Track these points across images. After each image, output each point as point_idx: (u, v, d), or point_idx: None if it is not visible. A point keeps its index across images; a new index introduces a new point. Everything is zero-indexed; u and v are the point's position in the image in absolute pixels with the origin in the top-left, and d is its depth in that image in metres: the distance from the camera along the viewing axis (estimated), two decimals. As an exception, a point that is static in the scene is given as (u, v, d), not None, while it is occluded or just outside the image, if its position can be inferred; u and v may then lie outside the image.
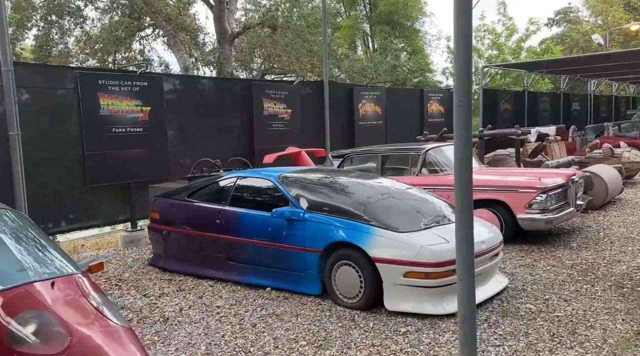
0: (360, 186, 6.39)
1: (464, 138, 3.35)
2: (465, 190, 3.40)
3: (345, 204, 5.78)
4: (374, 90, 14.62)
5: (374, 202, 5.88)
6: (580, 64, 20.44)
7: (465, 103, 3.32)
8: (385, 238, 5.17)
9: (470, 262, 3.44)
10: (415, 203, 6.04)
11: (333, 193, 6.10)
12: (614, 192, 10.71)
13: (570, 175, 8.06)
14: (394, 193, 6.30)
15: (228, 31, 15.15)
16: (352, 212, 5.57)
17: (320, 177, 6.60)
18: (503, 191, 7.80)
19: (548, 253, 7.31)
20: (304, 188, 6.13)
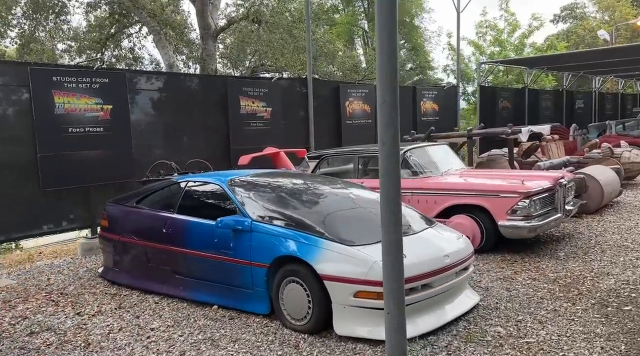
0: (318, 193, 5.82)
1: (389, 141, 2.79)
2: (393, 205, 2.81)
3: (297, 213, 5.20)
4: (362, 88, 14.01)
5: (330, 211, 5.31)
6: (582, 59, 19.68)
7: (390, 100, 2.76)
8: (334, 253, 4.58)
9: (399, 290, 2.84)
10: (378, 212, 5.44)
11: (287, 200, 5.51)
12: (610, 194, 10.06)
13: (558, 178, 7.43)
14: (356, 201, 5.72)
15: (212, 26, 14.59)
16: (302, 222, 4.99)
17: (277, 182, 6.02)
18: (483, 196, 7.19)
19: (531, 264, 6.70)
20: (256, 195, 5.55)
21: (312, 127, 12.33)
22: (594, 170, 10.13)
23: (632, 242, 7.57)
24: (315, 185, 6.07)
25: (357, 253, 4.52)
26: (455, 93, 17.51)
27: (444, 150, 9.00)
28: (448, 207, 7.49)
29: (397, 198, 2.88)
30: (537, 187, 7.04)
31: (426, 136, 11.16)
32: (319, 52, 18.41)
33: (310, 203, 5.54)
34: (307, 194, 5.73)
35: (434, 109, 16.51)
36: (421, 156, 8.43)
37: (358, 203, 5.65)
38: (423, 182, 7.80)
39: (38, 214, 7.95)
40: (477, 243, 7.25)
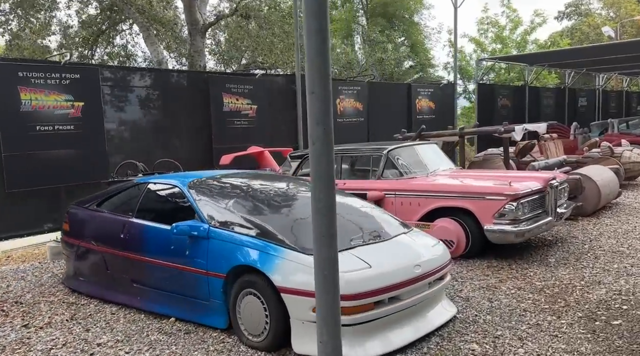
0: (286, 197, 5.41)
1: (320, 139, 2.38)
2: (326, 213, 2.41)
3: (259, 219, 4.79)
4: (354, 85, 13.59)
5: (295, 217, 4.90)
6: (585, 56, 19.16)
7: (319, 91, 2.35)
8: (294, 263, 4.18)
9: (334, 317, 2.43)
10: (349, 217, 5.05)
11: (250, 204, 5.11)
12: (608, 196, 9.62)
13: (549, 179, 7.01)
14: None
15: (200, 22, 14.19)
16: (263, 229, 4.59)
17: (244, 184, 5.62)
18: (468, 198, 6.77)
19: (518, 271, 6.28)
20: (217, 198, 5.15)
21: (301, 126, 11.93)
22: (591, 170, 9.69)
23: (629, 247, 7.13)
24: (285, 188, 5.66)
25: (316, 264, 4.11)
26: (452, 91, 17.04)
27: (432, 149, 8.59)
28: (432, 209, 7.08)
29: (332, 206, 2.48)
30: (526, 189, 6.61)
31: (417, 135, 10.75)
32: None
33: (275, 207, 5.13)
34: (274, 198, 5.32)
35: (430, 107, 16.07)
36: (406, 156, 8.03)
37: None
38: (407, 183, 7.40)
39: (2, 217, 7.58)
40: (462, 249, 6.85)
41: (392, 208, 7.42)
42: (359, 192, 7.60)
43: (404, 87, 15.58)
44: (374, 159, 7.87)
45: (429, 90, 16.10)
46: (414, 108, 15.45)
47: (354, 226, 4.85)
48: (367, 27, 24.54)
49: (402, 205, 7.35)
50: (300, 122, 11.93)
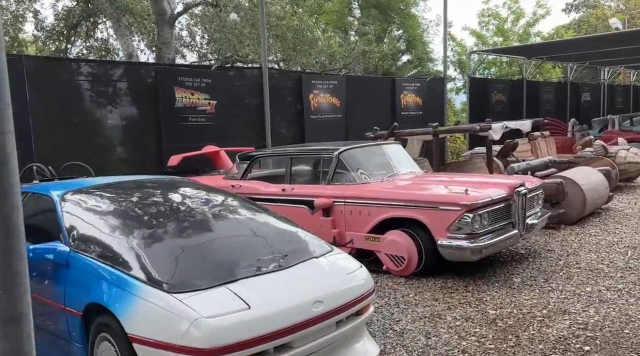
0: (181, 214, 4.42)
1: None
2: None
3: (132, 242, 3.85)
4: (330, 79, 12.66)
5: (180, 242, 3.97)
6: (586, 47, 17.93)
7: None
8: (150, 303, 3.28)
9: None
10: (250, 237, 4.15)
11: (131, 223, 4.15)
12: (596, 201, 8.65)
13: (515, 185, 6.05)
14: (229, 223, 4.39)
15: (167, 11, 13.32)
16: (129, 256, 3.67)
17: (136, 196, 4.69)
18: (421, 208, 5.86)
19: (474, 295, 5.36)
20: (92, 214, 4.25)
21: (269, 123, 11.04)
22: (576, 173, 8.73)
23: (609, 265, 6.18)
24: (187, 204, 4.68)
25: (175, 305, 3.20)
26: (442, 86, 16.06)
27: (395, 150, 7.67)
28: (383, 220, 6.16)
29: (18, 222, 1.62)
30: (485, 198, 5.68)
31: (389, 133, 9.82)
32: (298, 41, 17.07)
33: (160, 229, 4.14)
34: (166, 216, 4.34)
35: (417, 103, 15.10)
36: (361, 158, 7.12)
37: (229, 227, 4.32)
38: (357, 190, 6.49)
39: None
40: (414, 266, 5.95)
41: (341, 218, 6.54)
42: (307, 198, 6.74)
43: (387, 81, 14.62)
44: (324, 161, 6.97)
45: (415, 85, 15.12)
46: (398, 104, 14.49)
47: (253, 249, 3.94)
48: (358, 19, 23.52)
49: (351, 214, 6.45)
50: (268, 120, 11.04)
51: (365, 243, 6.31)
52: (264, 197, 7.27)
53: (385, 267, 6.16)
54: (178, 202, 4.50)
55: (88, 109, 8.53)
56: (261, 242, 4.08)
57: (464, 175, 7.62)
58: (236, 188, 7.60)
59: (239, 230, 4.24)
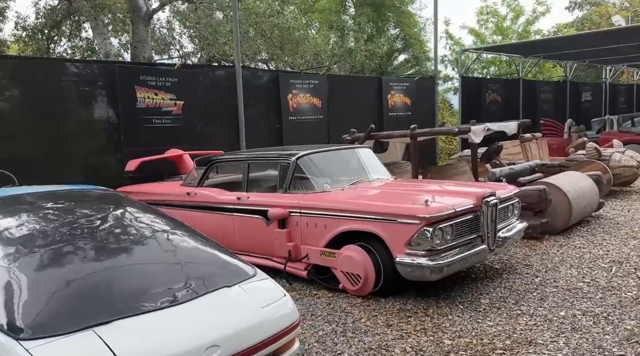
0: (61, 231, 3.66)
1: None
2: None
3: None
4: (310, 78, 12.07)
5: (47, 265, 3.23)
6: (584, 45, 17.02)
7: None
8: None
9: None
10: (152, 262, 3.55)
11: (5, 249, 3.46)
12: (584, 209, 8.02)
13: (483, 195, 5.44)
14: (122, 242, 3.72)
15: (142, 8, 12.76)
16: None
17: (15, 210, 3.89)
18: (378, 220, 5.26)
19: (432, 320, 4.76)
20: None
21: (243, 125, 10.46)
22: (562, 178, 8.11)
23: (590, 283, 5.56)
24: (81, 219, 3.87)
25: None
26: (433, 86, 15.44)
27: (362, 155, 7.07)
28: (340, 233, 5.57)
29: None
30: (447, 210, 5.06)
31: (366, 135, 9.23)
32: (285, 40, 16.49)
33: (34, 252, 3.26)
34: (47, 235, 3.50)
35: (405, 103, 14.49)
36: (323, 164, 6.53)
37: (130, 251, 3.66)
38: (314, 199, 5.90)
39: None
40: (371, 286, 5.36)
41: (297, 230, 5.95)
42: (263, 208, 6.16)
43: (373, 80, 14.01)
44: (282, 167, 6.38)
45: (403, 85, 14.51)
46: (385, 104, 13.88)
47: (149, 280, 3.31)
48: (352, 17, 22.89)
49: (307, 226, 5.86)
50: (242, 121, 10.46)
51: (321, 258, 5.72)
52: (219, 205, 6.72)
53: (341, 285, 5.57)
54: (74, 220, 3.82)
55: (37, 111, 7.96)
56: (164, 270, 3.47)
57: (436, 183, 6.99)
58: (191, 196, 7.06)
59: (141, 255, 3.61)
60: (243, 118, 10.44)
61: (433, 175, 9.10)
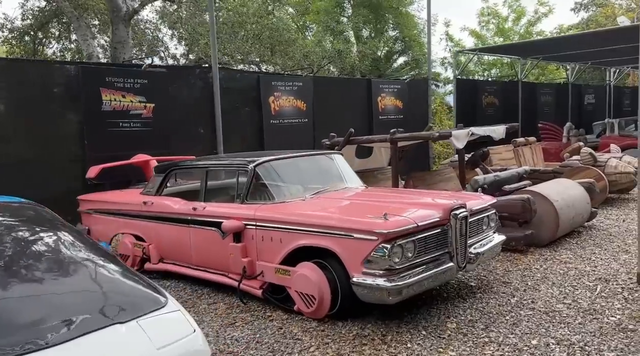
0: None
1: None
2: None
3: None
4: (294, 80, 11.58)
5: None
6: (587, 45, 16.24)
7: None
8: None
9: None
10: (30, 296, 2.99)
11: None
12: (574, 220, 7.48)
13: (451, 207, 4.92)
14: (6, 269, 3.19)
15: (122, 8, 12.33)
16: None
17: None
18: (333, 235, 4.76)
19: (389, 349, 4.25)
20: None
21: (220, 128, 9.98)
22: (550, 187, 7.58)
23: (570, 305, 5.03)
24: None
25: None
26: (426, 88, 14.91)
27: (332, 161, 6.58)
28: (297, 249, 5.07)
29: None
30: (407, 224, 4.55)
31: (345, 140, 8.74)
32: (275, 41, 16.03)
33: None
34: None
35: (397, 106, 13.97)
36: (284, 172, 6.05)
37: (11, 281, 3.13)
38: (270, 211, 5.40)
39: None
40: (326, 308, 4.85)
41: (252, 244, 5.47)
42: (219, 219, 5.67)
43: (362, 83, 13.52)
44: (240, 176, 5.90)
45: (394, 87, 13.99)
46: (375, 107, 13.37)
47: (21, 317, 2.78)
48: (349, 18, 22.40)
49: (262, 240, 5.36)
50: (219, 125, 9.98)
51: (276, 276, 5.22)
52: (175, 216, 6.25)
53: (296, 306, 5.07)
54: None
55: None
56: (46, 303, 2.89)
57: (408, 193, 6.47)
58: (148, 206, 6.60)
59: (25, 283, 3.09)
60: (220, 121, 9.97)
61: (415, 182, 8.58)
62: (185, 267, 6.27)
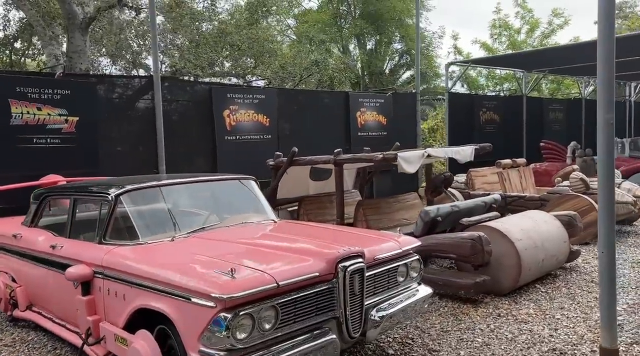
0: None
1: None
2: None
3: None
4: (255, 93, 10.44)
5: None
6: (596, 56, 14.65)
7: None
8: None
9: None
10: None
11: None
12: (543, 263, 6.14)
13: (337, 257, 3.66)
14: None
15: (79, 15, 11.39)
16: None
17: None
18: (170, 296, 3.55)
19: None
20: None
21: (162, 146, 8.90)
22: (514, 222, 6.26)
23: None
24: None
25: None
26: (414, 103, 13.64)
27: (240, 188, 5.39)
28: (139, 311, 3.86)
29: None
30: (258, 286, 3.30)
31: (288, 161, 7.57)
32: (257, 52, 14.96)
33: None
34: None
35: (380, 122, 12.73)
36: (159, 203, 4.87)
37: None
38: (122, 256, 4.20)
39: None
40: (162, 392, 3.60)
41: (100, 298, 4.28)
42: (73, 262, 4.52)
43: (338, 96, 12.30)
44: (101, 207, 4.73)
45: (377, 101, 12.75)
46: (353, 123, 12.15)
47: None
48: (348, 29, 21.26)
49: (108, 294, 4.18)
50: (161, 141, 8.90)
51: (115, 345, 4.02)
52: (37, 255, 5.13)
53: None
54: None
55: None
56: None
57: (304, 234, 5.09)
58: (17, 239, 5.50)
59: None
60: (163, 137, 8.89)
61: (367, 211, 7.33)
62: (47, 319, 5.12)
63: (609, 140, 3.93)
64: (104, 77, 9.60)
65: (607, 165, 3.92)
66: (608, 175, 3.92)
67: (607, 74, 3.92)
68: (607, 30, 3.92)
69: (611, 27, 3.95)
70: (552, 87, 27.10)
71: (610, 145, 3.94)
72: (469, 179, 10.17)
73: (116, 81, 8.84)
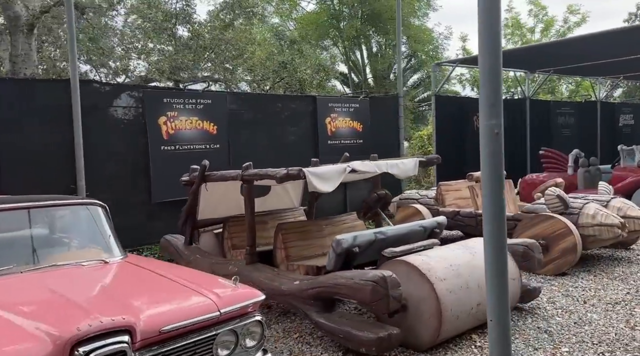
0: None
1: None
2: None
3: None
4: (199, 97, 9.32)
5: None
6: (613, 51, 12.16)
7: None
8: None
9: None
10: None
11: None
12: (480, 308, 4.81)
13: (72, 340, 2.48)
14: None
15: (21, 17, 10.48)
16: None
17: None
18: None
19: None
20: None
21: (82, 159, 7.88)
22: (443, 254, 4.95)
23: None
24: None
25: None
26: (396, 108, 12.36)
27: (78, 216, 4.26)
28: None
29: None
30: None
31: (199, 176, 6.42)
32: (232, 55, 13.89)
33: None
34: None
35: (354, 129, 11.49)
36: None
37: None
38: None
39: None
40: None
41: None
42: None
43: (304, 100, 11.07)
44: None
45: (350, 106, 11.51)
46: (322, 130, 10.94)
47: None
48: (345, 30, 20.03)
49: None
50: (79, 152, 7.88)
51: None
52: None
53: None
54: None
55: None
56: None
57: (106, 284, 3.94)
58: None
59: None
60: (81, 148, 7.89)
61: (287, 237, 6.11)
62: None
63: (494, 153, 2.68)
64: (17, 81, 8.55)
65: (493, 190, 2.66)
66: (495, 202, 2.66)
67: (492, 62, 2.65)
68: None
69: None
70: (572, 89, 25.46)
71: (497, 160, 2.68)
72: (438, 194, 8.88)
73: (34, 86, 7.83)
